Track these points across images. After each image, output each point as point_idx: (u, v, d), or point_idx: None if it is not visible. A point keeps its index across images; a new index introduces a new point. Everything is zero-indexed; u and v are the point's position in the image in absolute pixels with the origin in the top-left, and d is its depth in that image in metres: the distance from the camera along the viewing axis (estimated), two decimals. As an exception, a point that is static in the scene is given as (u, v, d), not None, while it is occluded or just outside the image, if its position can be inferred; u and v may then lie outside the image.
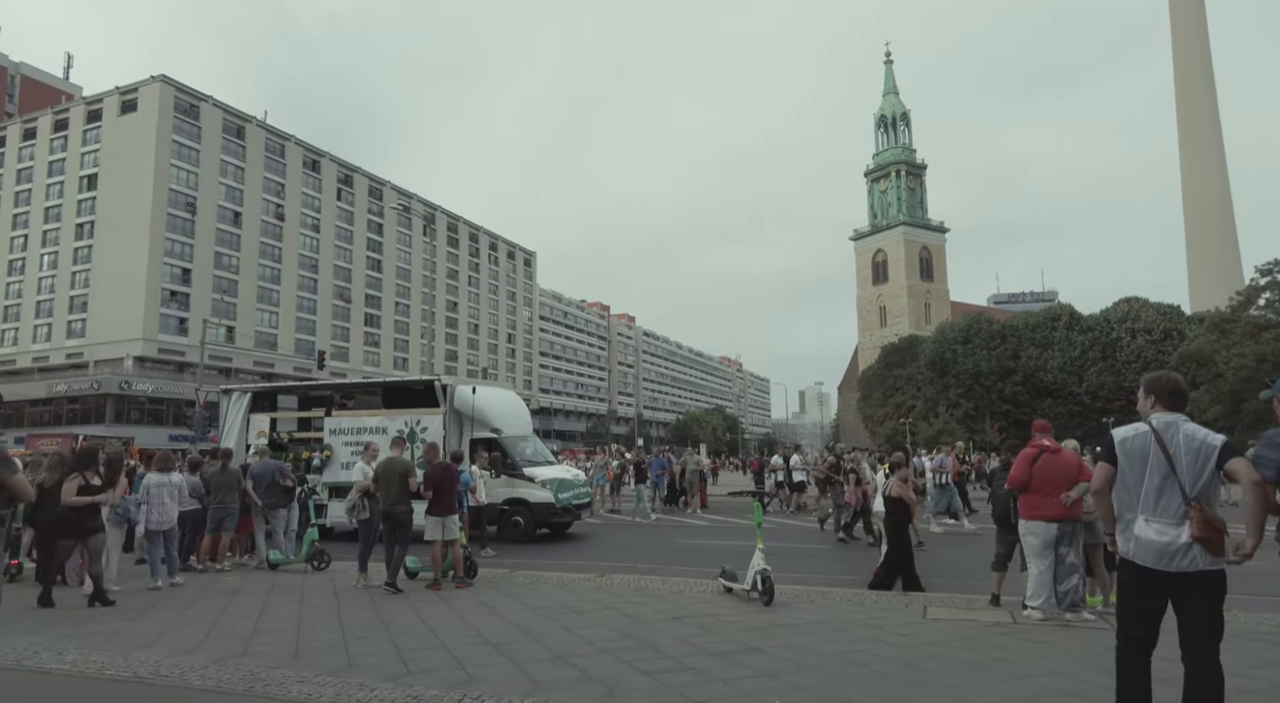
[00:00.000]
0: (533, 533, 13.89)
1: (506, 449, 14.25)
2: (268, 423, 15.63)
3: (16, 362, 67.12)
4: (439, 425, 13.88)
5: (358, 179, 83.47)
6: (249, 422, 15.58)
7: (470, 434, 14.15)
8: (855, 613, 7.00)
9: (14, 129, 71.89)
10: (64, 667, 5.20)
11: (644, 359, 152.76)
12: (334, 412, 15.44)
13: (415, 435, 13.81)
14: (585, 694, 4.49)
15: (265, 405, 16.12)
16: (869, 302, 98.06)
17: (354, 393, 17.09)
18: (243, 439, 15.23)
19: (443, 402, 14.02)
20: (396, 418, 14.32)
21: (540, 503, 13.91)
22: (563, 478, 14.76)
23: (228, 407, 16.04)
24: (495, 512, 13.51)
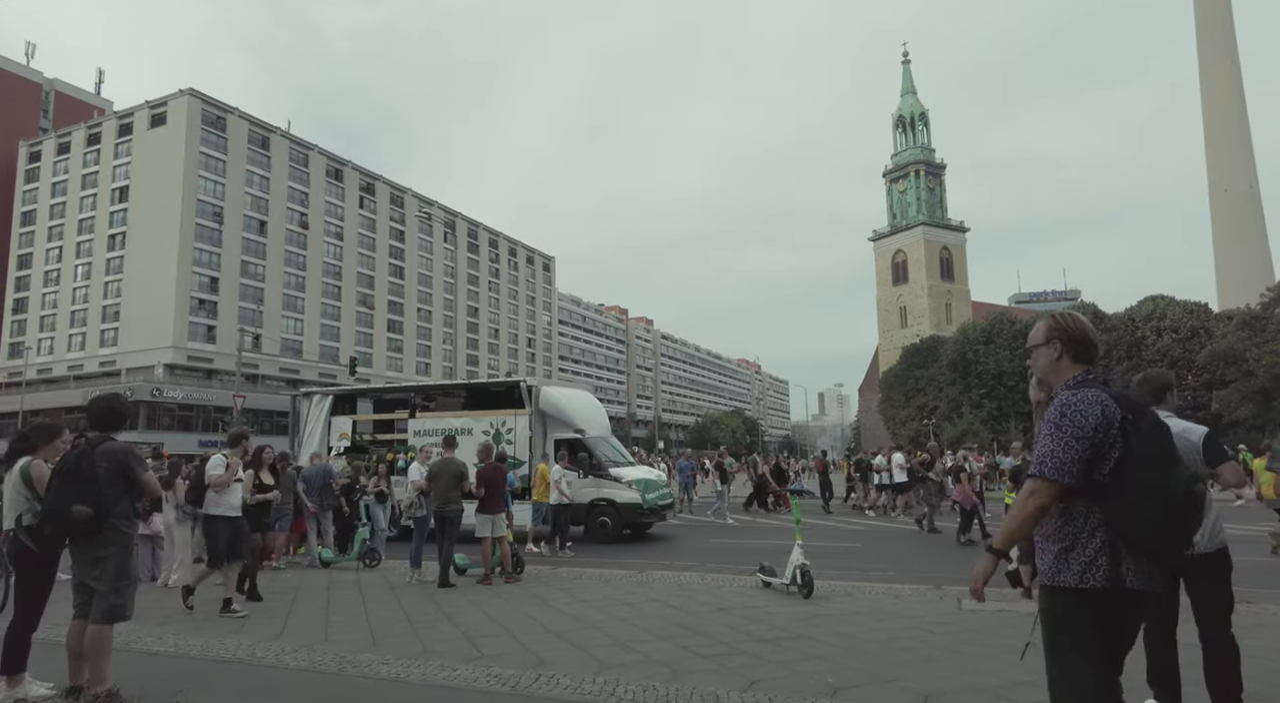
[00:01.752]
0: (620, 533, 13.80)
1: (592, 450, 14.26)
2: (349, 425, 15.67)
3: (53, 370, 68.77)
4: (525, 426, 13.98)
5: (379, 187, 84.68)
6: (330, 424, 15.60)
7: (554, 435, 14.21)
8: (892, 604, 7.30)
9: (49, 144, 73.77)
10: (168, 649, 5.65)
11: (662, 362, 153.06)
12: (418, 414, 15.41)
13: (501, 436, 13.99)
14: (652, 674, 4.84)
15: (346, 408, 16.14)
16: (889, 302, 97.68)
17: (435, 395, 17.04)
18: (324, 442, 15.26)
19: (528, 402, 14.11)
20: (482, 419, 14.43)
21: (627, 503, 13.84)
22: (648, 479, 14.74)
23: (309, 410, 16.04)
24: (581, 512, 13.56)
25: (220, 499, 7.10)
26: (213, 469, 7.12)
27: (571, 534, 12.94)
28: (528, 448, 13.93)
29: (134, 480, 4.26)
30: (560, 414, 14.40)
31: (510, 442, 13.99)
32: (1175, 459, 2.44)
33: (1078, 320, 2.70)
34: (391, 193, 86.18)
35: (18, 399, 59.18)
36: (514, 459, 13.51)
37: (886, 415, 74.84)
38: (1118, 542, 2.38)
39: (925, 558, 11.86)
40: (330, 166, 78.99)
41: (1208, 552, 3.62)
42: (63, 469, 4.17)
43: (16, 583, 4.42)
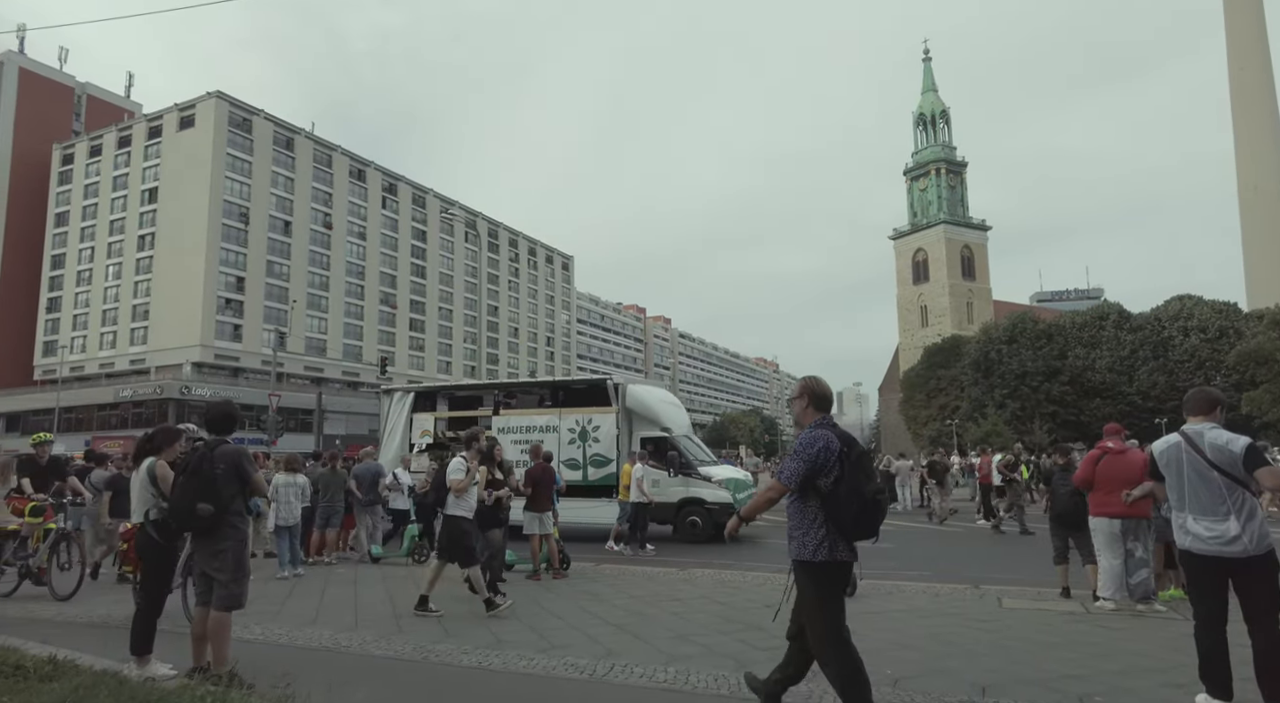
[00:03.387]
0: (711, 533, 13.46)
1: (680, 448, 14.08)
2: (431, 423, 15.67)
3: (85, 368, 70.27)
4: (611, 424, 13.88)
5: (401, 187, 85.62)
6: (412, 422, 15.65)
7: (640, 433, 14.09)
8: (932, 603, 7.55)
9: (81, 146, 75.34)
10: (256, 637, 6.04)
11: (680, 361, 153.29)
12: (501, 411, 15.38)
13: (588, 434, 13.99)
14: (718, 665, 5.15)
15: (427, 406, 16.14)
16: (910, 301, 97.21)
17: (515, 392, 16.87)
18: (405, 439, 15.31)
19: (615, 400, 14.02)
20: (567, 416, 14.35)
21: (718, 503, 13.56)
22: (737, 478, 14.50)
23: (389, 407, 16.08)
24: (670, 511, 13.48)
25: (461, 501, 7.32)
26: (454, 474, 7.32)
27: (659, 534, 12.85)
28: (614, 446, 13.84)
29: (246, 480, 4.63)
30: (647, 412, 14.25)
31: (596, 439, 13.94)
32: (870, 477, 3.68)
33: (820, 382, 3.91)
34: (414, 193, 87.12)
35: (53, 396, 60.63)
36: (601, 457, 13.61)
37: (908, 416, 74.60)
38: (834, 529, 3.60)
39: (955, 558, 12.08)
40: (353, 167, 79.99)
41: (1256, 554, 3.86)
42: (185, 469, 4.55)
43: (142, 573, 4.81)
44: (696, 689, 4.66)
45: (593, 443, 13.91)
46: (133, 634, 4.70)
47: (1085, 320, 62.59)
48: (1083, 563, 7.46)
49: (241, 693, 4.08)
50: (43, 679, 4.21)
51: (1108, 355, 58.82)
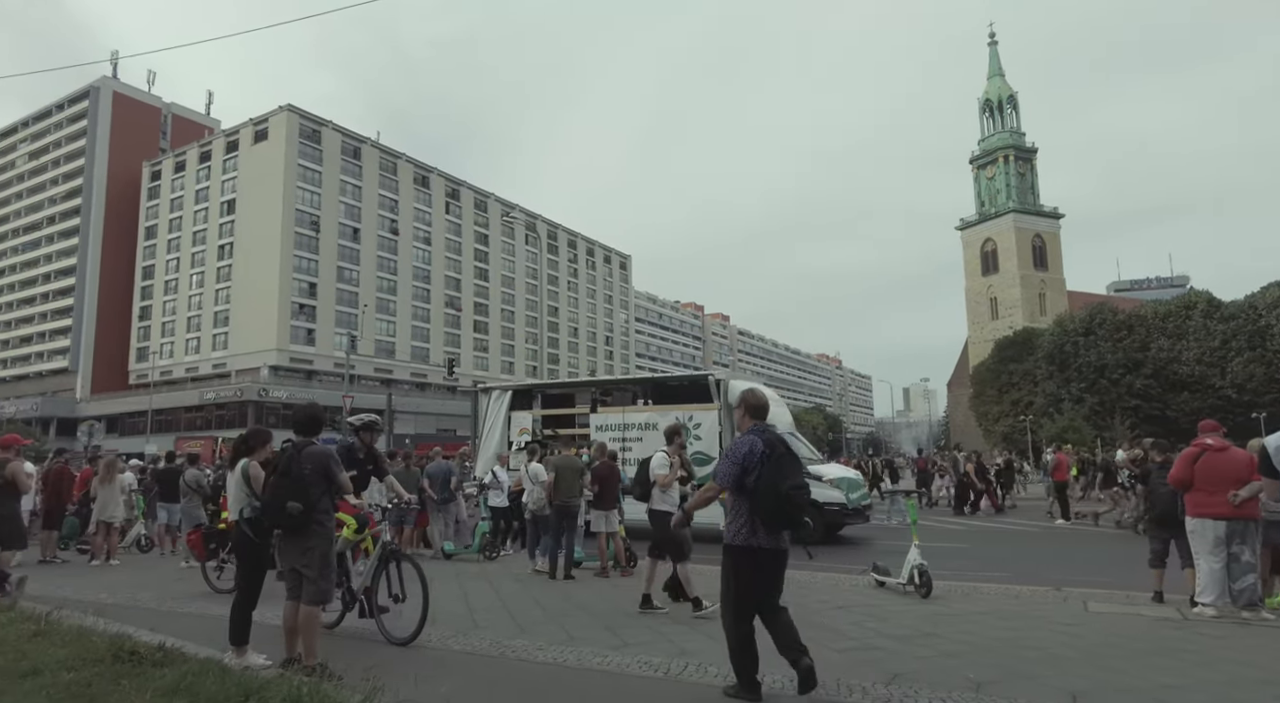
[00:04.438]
0: (825, 534, 12.94)
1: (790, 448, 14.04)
2: (529, 421, 15.58)
3: (173, 372, 74.29)
4: (714, 422, 13.49)
5: (464, 192, 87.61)
6: (510, 420, 15.60)
7: None
8: (1013, 605, 7.31)
9: (167, 163, 79.69)
10: (339, 631, 6.29)
11: (739, 358, 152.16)
12: (599, 409, 15.16)
13: (689, 431, 13.47)
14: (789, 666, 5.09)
15: (525, 404, 16.06)
16: (979, 293, 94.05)
17: (612, 390, 16.53)
18: (504, 437, 15.24)
19: (717, 397, 13.66)
20: (667, 414, 13.97)
21: (832, 504, 13.06)
22: (849, 477, 14.03)
23: (487, 405, 16.08)
24: None
25: (665, 496, 7.33)
26: (659, 469, 7.39)
27: None
28: (717, 444, 13.42)
29: (333, 480, 4.83)
30: None
31: (697, 437, 13.59)
32: (788, 476, 4.26)
33: (755, 394, 4.71)
34: (475, 197, 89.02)
35: (146, 399, 64.32)
36: (702, 455, 13.34)
37: (978, 412, 72.24)
38: (755, 518, 4.27)
39: (1032, 558, 11.66)
40: (417, 174, 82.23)
41: None
42: (276, 470, 4.78)
43: (238, 567, 5.09)
44: (771, 690, 4.63)
45: (693, 441, 13.47)
46: (231, 625, 4.97)
47: (1170, 310, 59.35)
48: (1181, 566, 7.09)
49: (333, 684, 4.26)
50: (155, 665, 4.49)
51: (1196, 346, 55.63)
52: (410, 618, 5.74)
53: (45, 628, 5.61)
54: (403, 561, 5.95)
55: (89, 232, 78.76)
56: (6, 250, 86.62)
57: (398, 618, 5.93)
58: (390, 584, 5.88)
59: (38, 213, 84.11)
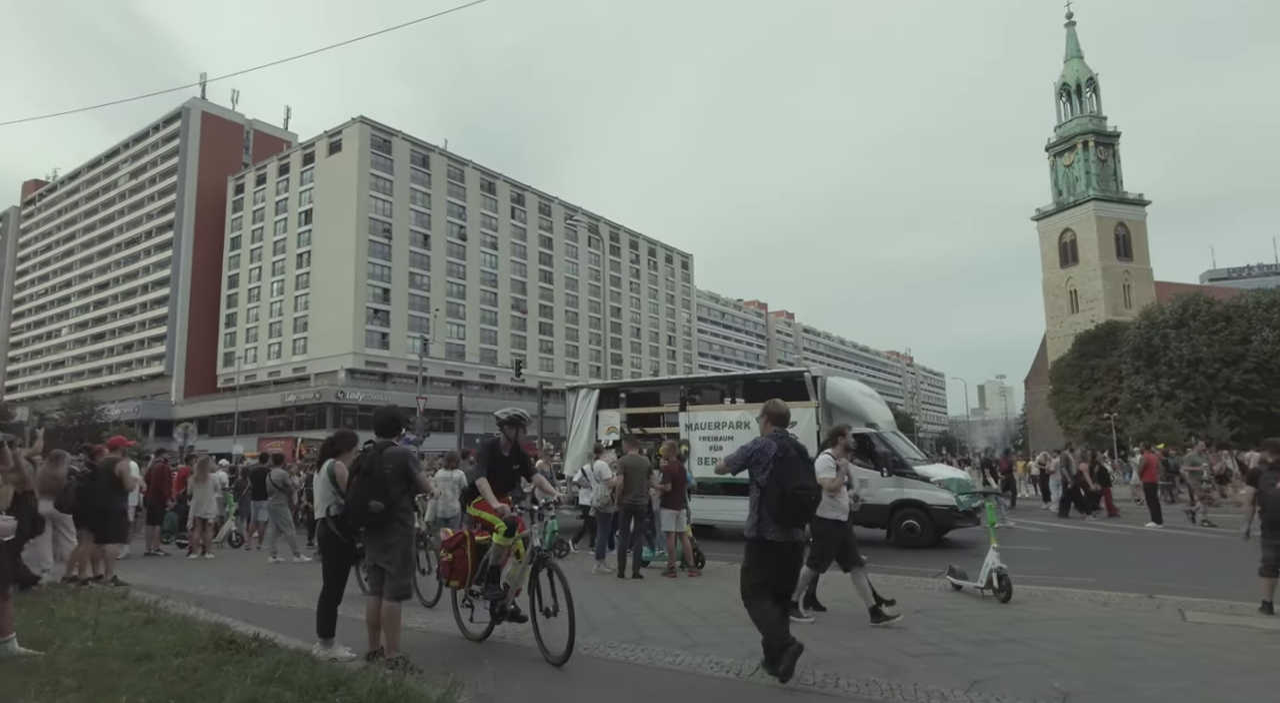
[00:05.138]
0: (932, 538, 12.40)
1: (891, 446, 13.09)
2: (617, 419, 15.39)
3: (256, 376, 78.09)
4: (811, 420, 12.90)
5: (528, 197, 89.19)
6: (598, 418, 15.48)
7: None
8: (1101, 612, 6.98)
9: (250, 176, 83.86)
10: (418, 625, 6.51)
11: (805, 356, 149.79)
12: (689, 407, 14.83)
13: None
14: (867, 669, 5.01)
15: (613, 402, 15.90)
16: (1057, 286, 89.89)
17: (701, 388, 16.09)
18: (592, 436, 15.08)
19: (814, 394, 13.23)
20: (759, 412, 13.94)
21: (940, 506, 12.35)
22: (959, 478, 13.40)
23: (575, 404, 15.96)
24: (882, 514, 12.48)
25: (833, 503, 6.52)
26: (825, 472, 6.50)
27: (867, 538, 11.94)
28: (814, 443, 12.95)
29: (412, 479, 5.01)
30: (851, 407, 13.31)
31: None
32: (794, 475, 4.75)
33: (776, 405, 5.25)
34: (540, 202, 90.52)
35: (233, 402, 67.81)
36: None
37: (1058, 409, 69.17)
38: (765, 513, 4.78)
39: (1119, 563, 11.10)
40: (484, 180, 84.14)
41: None
42: (358, 470, 4.99)
43: (324, 562, 5.34)
44: (845, 693, 4.57)
45: None
46: (318, 618, 5.21)
47: (1275, 299, 55.45)
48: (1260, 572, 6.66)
49: (414, 677, 4.42)
50: (251, 654, 4.77)
51: (1304, 339, 51.83)
52: (559, 634, 5.13)
53: (154, 616, 6.02)
54: (554, 570, 5.28)
55: (181, 244, 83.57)
56: (111, 264, 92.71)
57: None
58: (541, 596, 5.29)
59: (137, 228, 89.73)
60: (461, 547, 5.78)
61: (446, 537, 6.12)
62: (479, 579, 5.69)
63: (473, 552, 5.72)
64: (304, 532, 13.13)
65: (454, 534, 6.01)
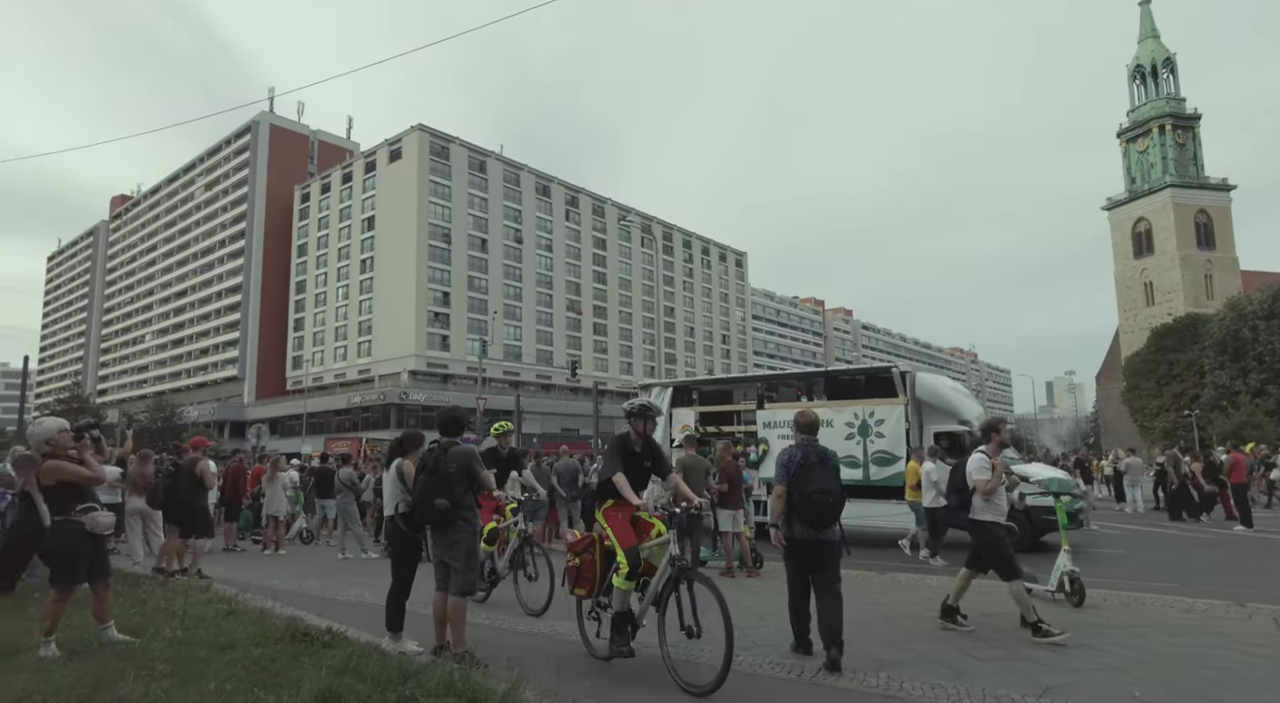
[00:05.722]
0: (1030, 541, 11.77)
1: None
2: (691, 417, 15.15)
3: (323, 378, 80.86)
4: (899, 418, 12.58)
5: (582, 199, 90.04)
6: (671, 417, 15.29)
7: (932, 427, 12.63)
8: (1184, 619, 6.66)
9: (315, 185, 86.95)
10: (481, 621, 6.65)
11: (864, 354, 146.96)
12: (766, 404, 14.46)
13: (869, 429, 12.82)
14: (933, 673, 4.91)
15: (686, 400, 15.66)
16: (1130, 278, 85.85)
17: (778, 385, 15.71)
18: (666, 434, 14.81)
19: (902, 391, 12.76)
20: (844, 410, 13.16)
21: (1041, 507, 11.66)
22: (1060, 478, 12.71)
23: None
24: None
25: (990, 504, 6.18)
26: (978, 473, 6.19)
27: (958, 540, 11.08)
28: (902, 442, 12.50)
29: (475, 478, 5.14)
30: (942, 403, 12.79)
31: (880, 435, 12.70)
32: (813, 480, 5.22)
33: (805, 414, 5.69)
34: (593, 203, 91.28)
35: (301, 404, 70.39)
36: (885, 454, 12.55)
37: (1133, 406, 66.10)
38: (792, 514, 5.32)
39: (1202, 568, 10.54)
40: (539, 184, 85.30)
41: None
42: (424, 468, 5.14)
43: (392, 559, 5.53)
44: (911, 696, 4.49)
45: (875, 438, 12.65)
46: (387, 613, 5.39)
47: (1373, 288, 51.82)
48: None
49: (481, 672, 4.53)
50: (324, 646, 4.97)
51: None
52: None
53: (235, 608, 6.32)
54: (697, 582, 4.73)
55: (252, 252, 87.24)
56: (188, 273, 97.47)
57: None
58: (683, 614, 4.74)
59: (212, 238, 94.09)
60: (590, 551, 5.27)
61: (572, 539, 5.64)
62: (606, 589, 5.20)
63: (602, 557, 5.23)
64: (370, 529, 13.57)
65: (581, 536, 5.59)
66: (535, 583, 7.11)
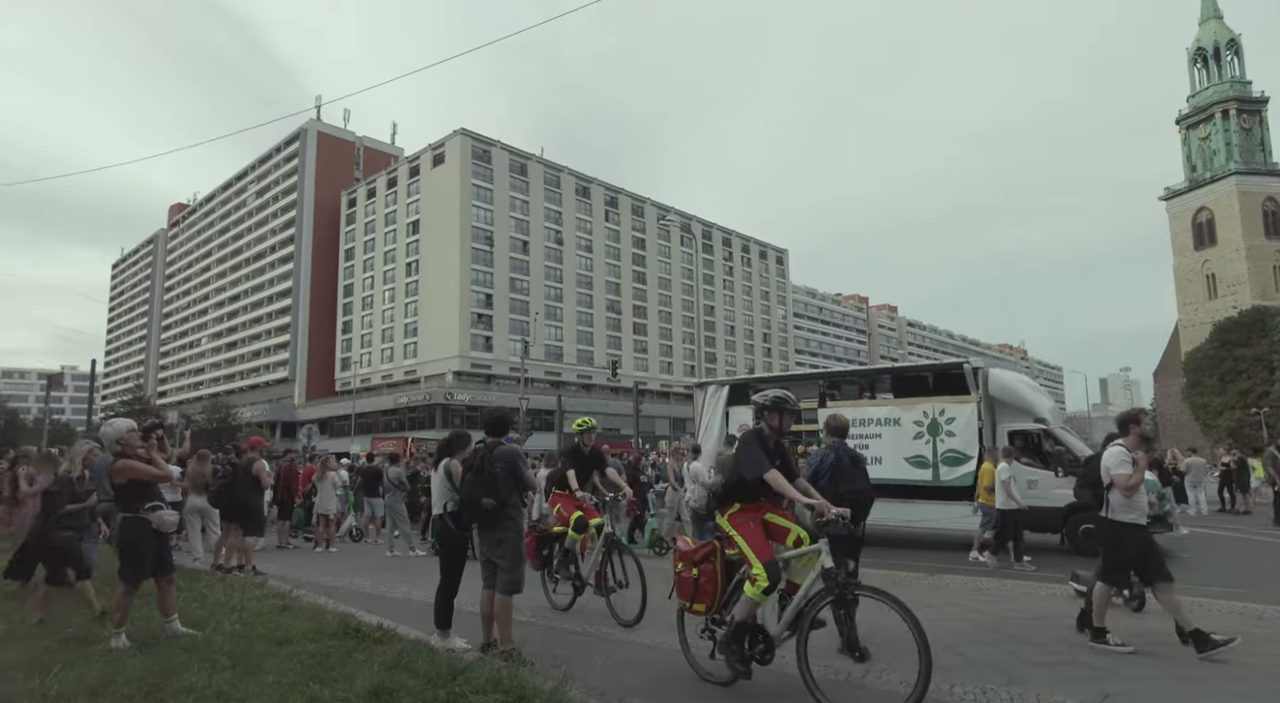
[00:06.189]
0: None
1: (1066, 443, 11.96)
2: (749, 417, 15.41)
3: (371, 380, 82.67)
4: (970, 416, 12.06)
5: (621, 199, 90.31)
6: (728, 415, 14.95)
7: (1006, 425, 12.20)
8: (1256, 627, 6.39)
9: (361, 190, 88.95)
10: (527, 620, 6.72)
11: (910, 351, 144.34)
12: (828, 403, 14.01)
13: (938, 427, 12.34)
14: (984, 677, 4.80)
15: (743, 398, 15.08)
16: (1191, 270, 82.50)
17: (840, 382, 15.28)
18: (723, 433, 14.53)
19: (974, 388, 12.25)
20: (912, 408, 12.72)
21: None
22: (1150, 479, 12.31)
23: (704, 401, 15.49)
24: (1056, 517, 11.26)
25: (1130, 503, 5.67)
26: (1118, 468, 5.64)
27: (1035, 543, 11.17)
28: (974, 441, 11.99)
29: (520, 477, 5.20)
30: (1017, 400, 12.27)
31: (950, 434, 12.19)
32: (847, 479, 5.70)
33: (836, 418, 6.32)
34: (633, 203, 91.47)
35: (349, 404, 72.06)
36: (956, 454, 12.07)
37: (1195, 404, 63.61)
38: None
39: (1274, 573, 10.07)
40: (579, 185, 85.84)
41: None
42: (470, 468, 5.22)
43: (441, 556, 5.62)
44: (962, 701, 4.39)
45: (945, 437, 12.17)
46: (436, 610, 5.48)
47: None
48: None
49: (528, 670, 4.58)
50: (376, 642, 5.08)
51: None
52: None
53: (289, 604, 6.51)
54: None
55: (301, 257, 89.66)
56: (241, 278, 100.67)
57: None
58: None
59: (263, 243, 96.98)
60: (711, 560, 4.73)
61: (686, 547, 4.96)
62: (727, 604, 4.72)
63: (723, 569, 4.74)
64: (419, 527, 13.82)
65: (697, 544, 4.95)
66: (626, 591, 6.67)
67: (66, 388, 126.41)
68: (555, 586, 7.40)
